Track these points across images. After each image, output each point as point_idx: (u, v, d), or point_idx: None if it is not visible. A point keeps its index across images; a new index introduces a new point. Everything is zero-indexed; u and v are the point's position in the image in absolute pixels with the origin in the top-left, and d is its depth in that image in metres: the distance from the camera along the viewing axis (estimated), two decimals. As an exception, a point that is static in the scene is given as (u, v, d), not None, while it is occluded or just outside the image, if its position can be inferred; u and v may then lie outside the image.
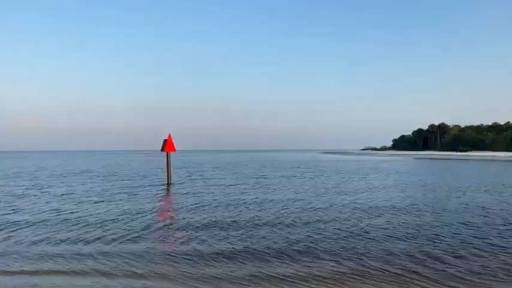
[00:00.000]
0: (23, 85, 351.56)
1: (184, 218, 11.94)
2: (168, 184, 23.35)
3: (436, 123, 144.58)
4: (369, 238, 9.09)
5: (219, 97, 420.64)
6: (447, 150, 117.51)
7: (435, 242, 8.66)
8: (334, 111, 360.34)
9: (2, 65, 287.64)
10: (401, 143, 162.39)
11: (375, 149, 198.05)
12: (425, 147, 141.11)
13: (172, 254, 7.90)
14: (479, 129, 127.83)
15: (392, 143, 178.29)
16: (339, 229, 10.08)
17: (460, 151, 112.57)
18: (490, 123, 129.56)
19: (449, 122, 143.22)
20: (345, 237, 9.21)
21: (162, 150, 24.49)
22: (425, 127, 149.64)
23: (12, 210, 13.61)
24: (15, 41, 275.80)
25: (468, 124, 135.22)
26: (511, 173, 33.80)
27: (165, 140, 24.40)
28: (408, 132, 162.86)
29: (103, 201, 15.85)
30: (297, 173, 34.41)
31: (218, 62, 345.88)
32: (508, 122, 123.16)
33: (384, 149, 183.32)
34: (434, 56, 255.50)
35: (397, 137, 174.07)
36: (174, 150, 24.66)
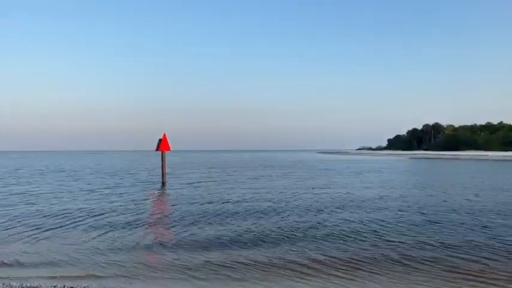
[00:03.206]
0: (23, 85, 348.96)
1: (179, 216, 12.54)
2: (163, 183, 23.74)
3: (431, 123, 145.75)
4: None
5: (219, 97, 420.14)
6: (441, 150, 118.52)
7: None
8: (334, 111, 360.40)
9: (2, 65, 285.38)
10: (397, 143, 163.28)
11: (370, 148, 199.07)
12: (419, 147, 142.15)
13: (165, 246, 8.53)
14: (472, 129, 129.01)
15: (387, 143, 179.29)
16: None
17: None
18: (483, 123, 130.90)
19: (444, 122, 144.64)
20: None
21: (157, 149, 24.93)
22: (420, 127, 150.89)
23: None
24: (14, 41, 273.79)
25: (462, 124, 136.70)
26: (488, 172, 34.56)
27: (160, 140, 24.83)
28: (403, 132, 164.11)
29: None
30: (276, 172, 35.16)
31: (219, 62, 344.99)
32: (501, 122, 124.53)
33: (379, 148, 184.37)
34: (429, 56, 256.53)
35: (392, 136, 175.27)
36: (169, 149, 25.09)
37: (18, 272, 6.77)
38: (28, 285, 5.96)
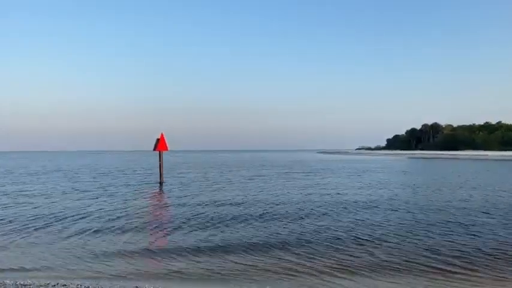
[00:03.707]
0: (23, 85, 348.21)
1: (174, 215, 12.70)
2: (161, 183, 23.82)
3: (430, 123, 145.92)
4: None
5: (219, 97, 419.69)
6: (439, 150, 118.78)
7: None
8: (334, 111, 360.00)
9: (2, 65, 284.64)
10: (396, 143, 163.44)
11: (369, 148, 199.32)
12: (418, 146, 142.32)
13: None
14: (471, 128, 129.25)
15: (386, 143, 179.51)
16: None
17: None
18: (482, 123, 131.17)
19: (443, 122, 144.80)
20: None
21: (155, 149, 25.04)
22: (419, 127, 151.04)
23: None
24: (14, 41, 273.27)
25: (460, 124, 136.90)
26: (486, 171, 34.72)
27: (158, 140, 24.94)
28: (402, 132, 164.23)
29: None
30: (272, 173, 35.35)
31: (219, 62, 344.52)
32: (500, 122, 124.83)
33: (377, 148, 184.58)
34: (429, 56, 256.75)
35: (391, 136, 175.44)
36: (167, 149, 25.19)
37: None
38: (22, 283, 6.04)
